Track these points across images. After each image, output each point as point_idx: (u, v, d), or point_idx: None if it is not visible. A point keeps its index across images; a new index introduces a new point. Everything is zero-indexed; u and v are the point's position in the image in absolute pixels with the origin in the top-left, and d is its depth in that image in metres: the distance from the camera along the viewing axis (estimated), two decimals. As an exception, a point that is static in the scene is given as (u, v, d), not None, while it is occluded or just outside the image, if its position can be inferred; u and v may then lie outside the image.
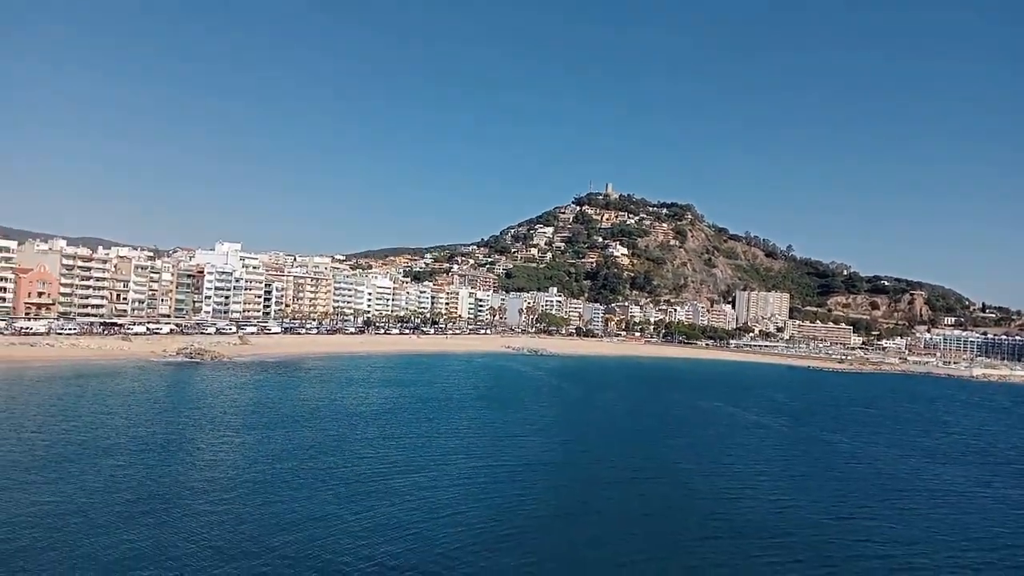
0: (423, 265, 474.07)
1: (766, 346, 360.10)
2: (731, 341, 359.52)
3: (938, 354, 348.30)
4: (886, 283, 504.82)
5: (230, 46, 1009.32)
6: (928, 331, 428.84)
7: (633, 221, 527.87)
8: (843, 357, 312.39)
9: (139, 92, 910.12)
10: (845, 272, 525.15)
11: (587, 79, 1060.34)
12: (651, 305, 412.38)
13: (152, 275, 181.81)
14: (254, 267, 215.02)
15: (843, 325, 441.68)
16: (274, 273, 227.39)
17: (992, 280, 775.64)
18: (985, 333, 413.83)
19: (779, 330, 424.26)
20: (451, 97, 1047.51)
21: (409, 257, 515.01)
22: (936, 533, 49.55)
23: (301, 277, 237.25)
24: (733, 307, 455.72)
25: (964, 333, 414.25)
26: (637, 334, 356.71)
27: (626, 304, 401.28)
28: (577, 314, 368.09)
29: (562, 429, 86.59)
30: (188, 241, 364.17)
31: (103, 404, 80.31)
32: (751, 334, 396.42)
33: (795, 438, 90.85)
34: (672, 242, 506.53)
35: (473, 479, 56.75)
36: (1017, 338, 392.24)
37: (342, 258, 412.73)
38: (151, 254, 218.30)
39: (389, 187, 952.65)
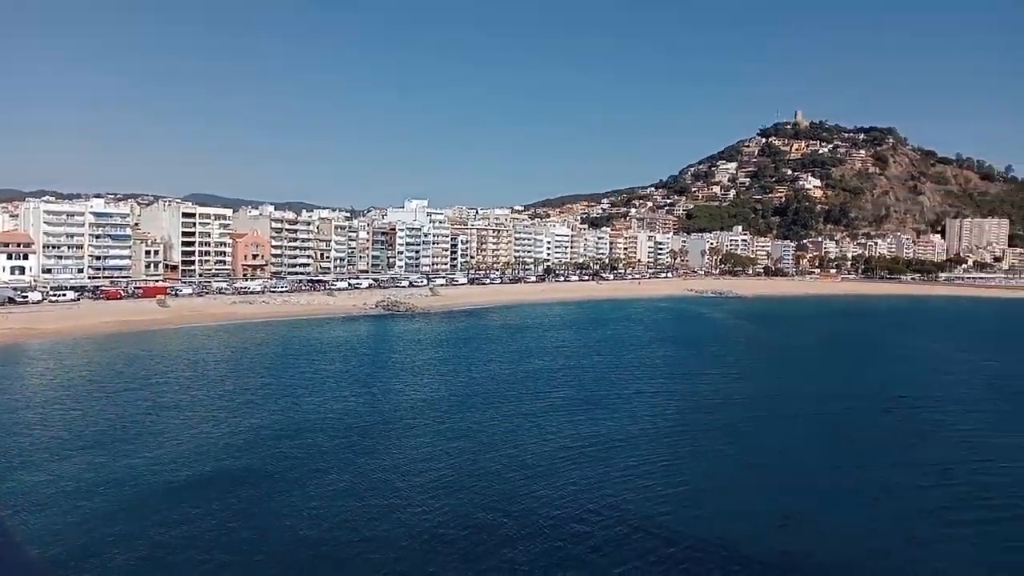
0: (600, 211, 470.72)
1: (981, 278, 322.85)
2: (940, 275, 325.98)
3: None
4: None
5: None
6: None
7: (826, 150, 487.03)
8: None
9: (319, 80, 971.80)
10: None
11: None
12: (848, 240, 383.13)
13: (350, 234, 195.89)
14: (440, 222, 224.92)
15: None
16: (458, 227, 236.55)
17: None
18: None
19: (997, 260, 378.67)
20: (626, 33, 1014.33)
21: (586, 204, 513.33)
22: None
23: (483, 229, 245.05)
24: (943, 237, 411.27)
25: None
26: (833, 271, 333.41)
27: (819, 240, 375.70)
28: (765, 253, 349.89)
29: (744, 368, 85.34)
30: (380, 201, 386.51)
31: (320, 353, 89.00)
32: (964, 266, 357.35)
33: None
34: (872, 170, 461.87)
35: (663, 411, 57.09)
36: None
37: (521, 208, 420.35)
38: (348, 215, 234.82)
39: (563, 135, 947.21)
